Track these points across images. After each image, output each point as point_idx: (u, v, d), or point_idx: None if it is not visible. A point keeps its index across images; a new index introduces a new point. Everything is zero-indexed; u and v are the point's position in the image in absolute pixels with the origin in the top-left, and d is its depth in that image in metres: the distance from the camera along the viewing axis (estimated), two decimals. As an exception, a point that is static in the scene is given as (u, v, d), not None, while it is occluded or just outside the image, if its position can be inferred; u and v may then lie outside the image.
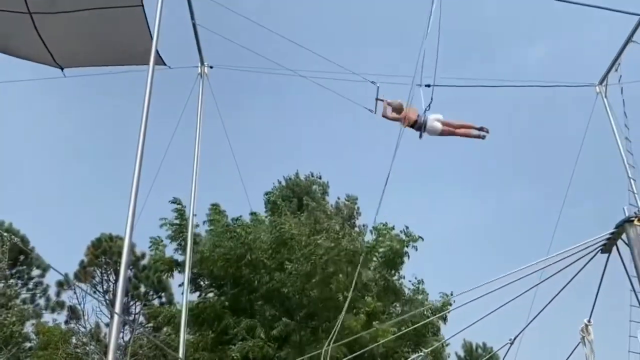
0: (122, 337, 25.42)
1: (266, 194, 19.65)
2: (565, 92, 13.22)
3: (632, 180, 11.39)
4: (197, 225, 17.33)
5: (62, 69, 11.20)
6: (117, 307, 7.18)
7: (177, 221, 17.18)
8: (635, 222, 6.47)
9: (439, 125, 10.63)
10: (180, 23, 11.44)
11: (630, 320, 7.61)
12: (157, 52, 9.33)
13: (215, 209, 17.45)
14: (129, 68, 11.31)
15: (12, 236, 22.43)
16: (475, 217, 40.91)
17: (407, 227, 17.78)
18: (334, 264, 15.56)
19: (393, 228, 18.06)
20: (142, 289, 27.49)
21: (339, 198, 19.74)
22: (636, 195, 11.37)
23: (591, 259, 7.04)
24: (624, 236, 6.83)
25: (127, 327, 25.93)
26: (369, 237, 18.28)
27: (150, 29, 10.35)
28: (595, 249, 6.99)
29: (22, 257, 25.85)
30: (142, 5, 10.20)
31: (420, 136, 10.59)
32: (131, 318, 27.11)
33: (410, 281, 18.41)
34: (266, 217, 18.47)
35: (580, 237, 7.50)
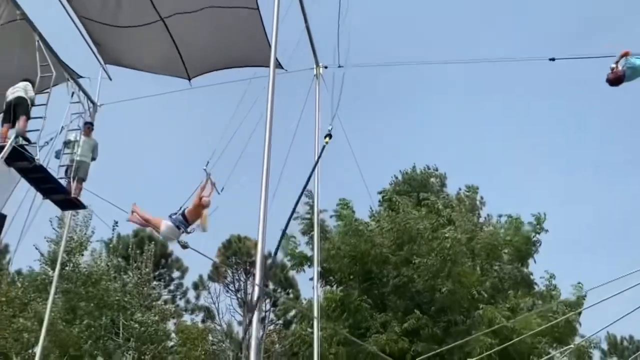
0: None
1: (379, 192, 19.48)
2: None
3: None
4: (324, 221, 17.61)
5: (189, 79, 11.93)
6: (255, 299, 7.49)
7: (309, 215, 17.48)
8: None
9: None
10: (292, 25, 11.70)
11: None
12: (276, 58, 9.65)
13: (343, 203, 17.51)
14: (248, 74, 11.75)
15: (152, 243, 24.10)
16: (610, 207, 38.20)
17: (538, 213, 17.01)
18: (464, 257, 15.12)
19: (518, 218, 17.38)
20: (271, 285, 28.44)
21: (459, 189, 19.15)
22: None
23: None
24: None
25: (259, 324, 27.04)
26: (499, 227, 17.69)
27: (266, 31, 10.74)
28: None
29: (163, 261, 27.76)
30: (258, 9, 10.60)
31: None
32: (262, 315, 28.13)
33: (542, 277, 17.50)
34: (384, 213, 18.35)
35: None
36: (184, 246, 6.96)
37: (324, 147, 10.08)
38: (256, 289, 7.86)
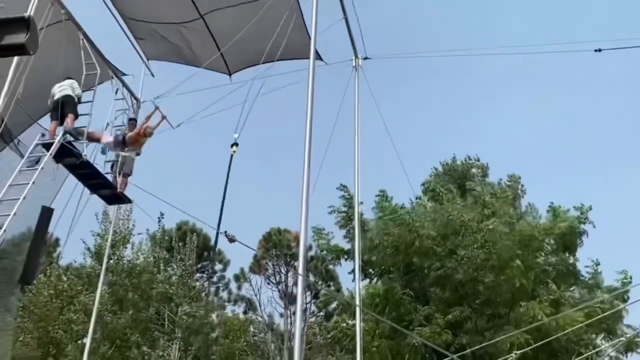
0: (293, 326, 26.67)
1: (423, 184, 19.26)
2: None
3: None
4: (362, 214, 17.51)
5: (230, 74, 12.04)
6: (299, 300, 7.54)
7: (345, 208, 17.46)
8: None
9: None
10: (330, 17, 11.65)
11: None
12: (316, 51, 9.64)
13: (383, 195, 17.42)
14: (289, 67, 11.75)
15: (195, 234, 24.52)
16: None
17: (582, 205, 16.65)
18: (508, 249, 14.87)
19: (561, 207, 17.02)
20: (312, 278, 28.60)
21: (500, 179, 18.77)
22: None
23: None
24: None
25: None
26: (539, 218, 17.34)
27: (305, 23, 10.73)
28: None
29: (205, 254, 28.19)
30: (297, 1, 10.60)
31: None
32: (303, 307, 28.32)
33: (586, 266, 17.10)
34: (428, 204, 18.17)
35: None
36: (232, 239, 7.06)
37: (231, 156, 9.94)
38: (300, 279, 7.93)
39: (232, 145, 9.85)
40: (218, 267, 29.97)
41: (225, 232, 7.18)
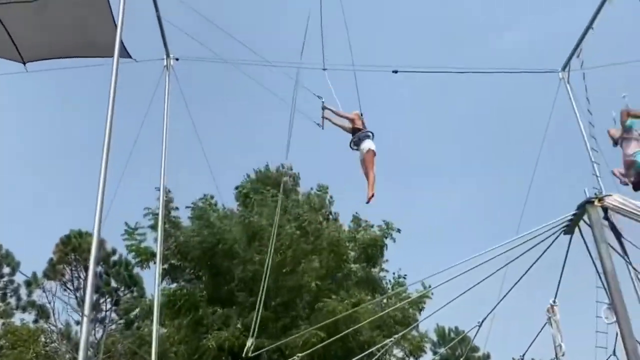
0: (94, 335, 25.18)
1: (237, 187, 19.53)
2: (532, 79, 13.51)
3: (595, 164, 11.70)
4: (177, 217, 17.32)
5: (24, 63, 10.99)
6: (87, 308, 7.16)
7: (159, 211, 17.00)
8: (596, 203, 6.62)
9: (367, 154, 10.29)
10: (144, 16, 11.32)
11: (597, 301, 7.75)
12: (122, 43, 9.27)
13: (206, 199, 17.58)
14: (95, 61, 11.15)
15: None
16: (451, 206, 41.52)
17: (385, 222, 18.16)
18: (305, 253, 15.66)
19: (366, 221, 18.38)
20: (113, 284, 27.21)
21: (311, 188, 19.77)
22: (599, 178, 11.70)
23: (554, 241, 7.19)
24: (586, 217, 6.95)
25: (99, 324, 25.69)
26: (345, 227, 18.54)
27: (115, 20, 10.22)
28: (558, 230, 7.14)
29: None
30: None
31: (351, 146, 10.56)
32: (102, 315, 26.81)
33: (393, 273, 18.55)
34: (239, 208, 18.49)
35: (548, 220, 7.63)
36: None
37: None
38: (89, 285, 7.51)
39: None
40: (5, 270, 27.19)
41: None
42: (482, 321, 8.39)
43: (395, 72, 11.80)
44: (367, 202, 10.10)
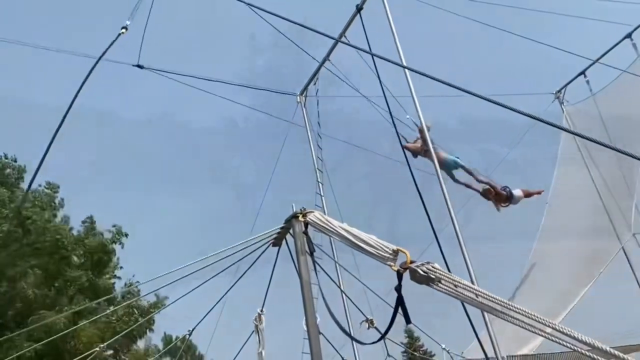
0: None
1: None
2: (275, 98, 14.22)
3: (320, 184, 12.72)
4: None
5: None
6: None
7: None
8: (300, 218, 7.07)
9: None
10: None
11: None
12: None
13: None
14: None
15: None
16: (183, 216, 41.63)
17: (114, 226, 17.47)
18: (22, 257, 14.21)
19: (94, 222, 17.52)
20: None
21: (40, 185, 17.96)
22: (323, 197, 12.75)
23: (262, 252, 7.52)
24: (292, 231, 7.40)
25: None
26: (73, 230, 17.34)
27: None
28: (267, 242, 7.49)
29: None
30: None
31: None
32: None
33: (124, 282, 17.90)
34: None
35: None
36: None
37: None
38: None
39: None
40: None
41: None
42: (193, 330, 8.42)
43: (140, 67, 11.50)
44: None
